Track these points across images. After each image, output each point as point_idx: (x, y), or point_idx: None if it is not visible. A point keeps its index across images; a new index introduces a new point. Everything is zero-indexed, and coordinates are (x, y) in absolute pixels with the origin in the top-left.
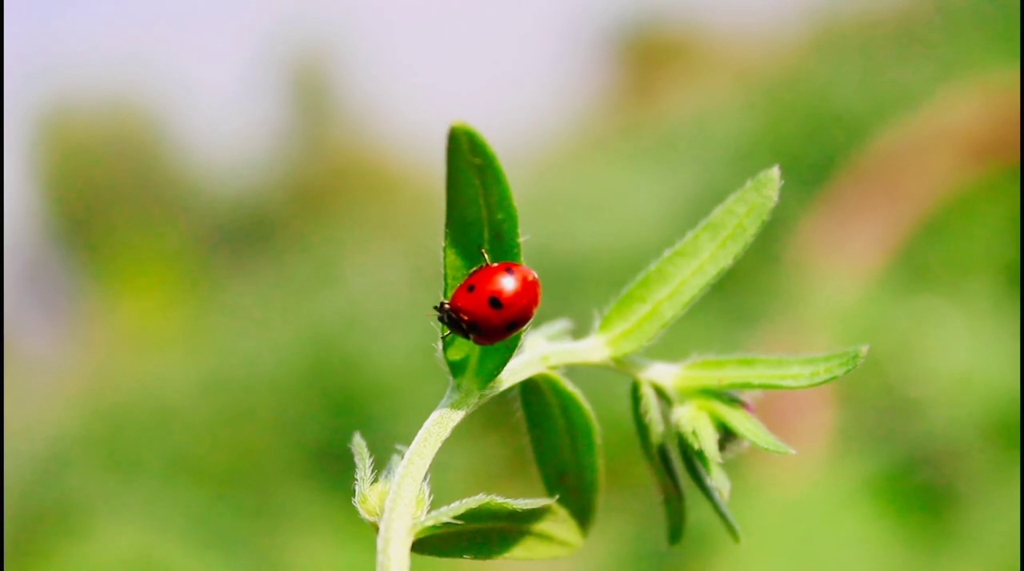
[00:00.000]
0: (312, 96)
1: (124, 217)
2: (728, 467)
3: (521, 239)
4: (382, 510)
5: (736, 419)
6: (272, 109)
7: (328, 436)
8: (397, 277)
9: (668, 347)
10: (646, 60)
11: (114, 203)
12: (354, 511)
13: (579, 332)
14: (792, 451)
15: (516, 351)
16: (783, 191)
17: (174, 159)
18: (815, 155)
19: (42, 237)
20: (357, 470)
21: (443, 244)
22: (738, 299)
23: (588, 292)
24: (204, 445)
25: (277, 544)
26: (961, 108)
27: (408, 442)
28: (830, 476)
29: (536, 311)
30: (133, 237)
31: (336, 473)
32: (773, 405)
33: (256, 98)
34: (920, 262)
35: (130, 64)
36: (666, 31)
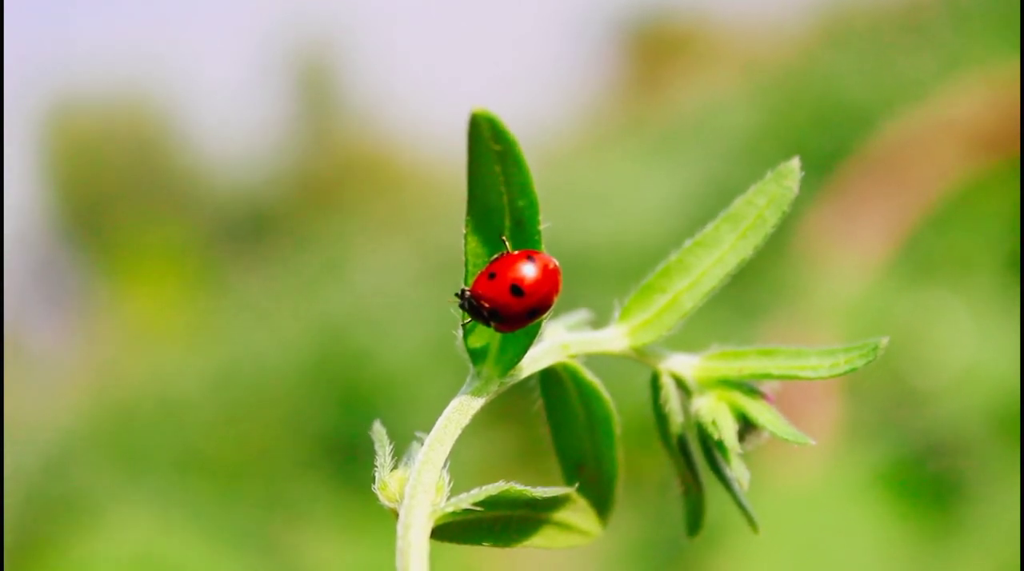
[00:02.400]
0: (318, 91)
1: (131, 213)
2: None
3: (542, 226)
4: (401, 497)
5: (756, 410)
6: (278, 104)
7: (337, 430)
8: (404, 271)
9: (676, 337)
10: (653, 52)
11: (121, 199)
12: (364, 505)
13: (592, 325)
14: (812, 442)
15: (536, 340)
16: None
17: (181, 155)
18: (822, 147)
19: (50, 233)
20: (377, 456)
21: (464, 231)
22: (744, 289)
23: (596, 285)
24: (213, 440)
25: (286, 538)
26: (967, 100)
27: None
28: (837, 468)
29: (556, 299)
30: (140, 232)
31: (345, 467)
32: (780, 397)
33: (262, 93)
34: (926, 253)
35: (137, 60)
36: (673, 23)
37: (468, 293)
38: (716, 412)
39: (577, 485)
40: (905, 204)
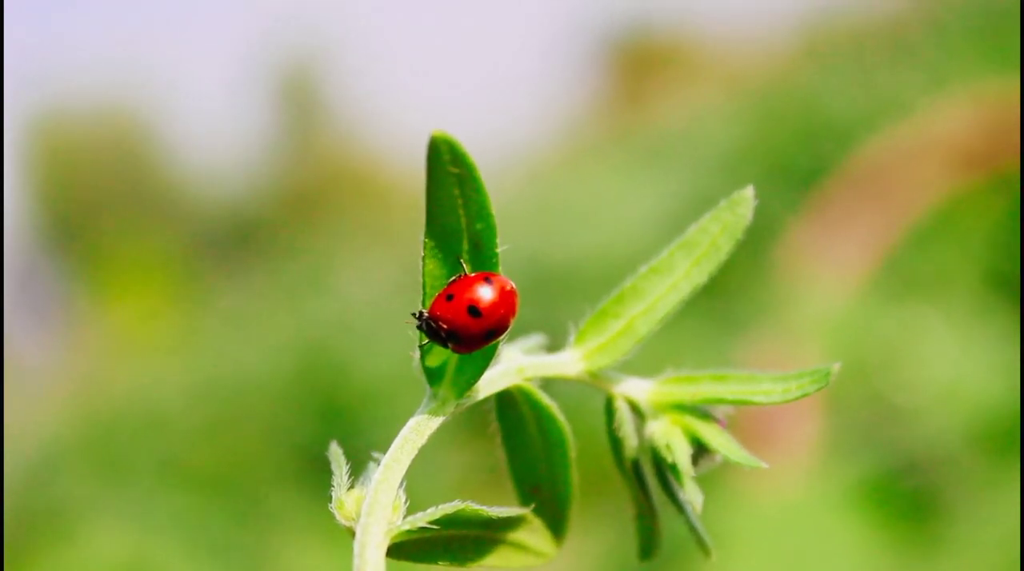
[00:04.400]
0: (303, 102)
1: (115, 223)
2: (714, 475)
3: (500, 249)
4: (359, 515)
5: (710, 433)
6: (263, 115)
7: (318, 441)
8: (387, 283)
9: (657, 352)
10: (637, 67)
11: (105, 209)
12: None
13: (561, 346)
14: (764, 465)
15: (492, 362)
16: (773, 197)
17: (165, 165)
18: (805, 162)
19: (33, 242)
20: (334, 476)
21: (422, 253)
22: (727, 305)
23: (579, 299)
24: (195, 450)
25: (267, 549)
26: (950, 117)
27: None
28: (817, 484)
29: (513, 321)
30: (124, 242)
31: (325, 479)
32: (760, 413)
33: (247, 104)
34: (908, 270)
35: (122, 70)
36: (657, 38)
37: (426, 314)
38: (670, 436)
39: (533, 506)
40: (887, 221)
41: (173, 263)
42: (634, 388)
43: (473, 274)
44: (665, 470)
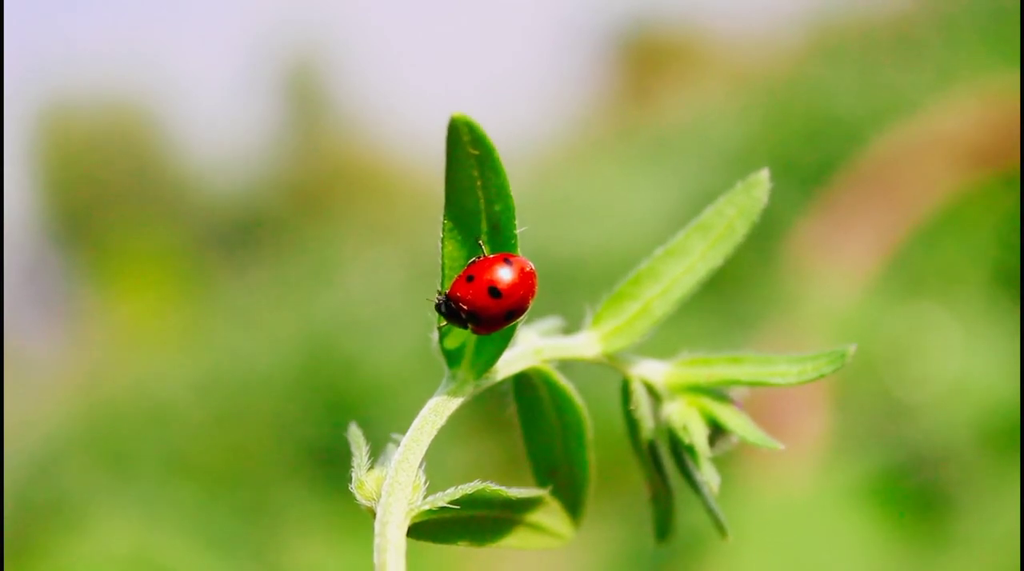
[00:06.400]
0: (309, 96)
1: (121, 216)
2: (722, 469)
3: (518, 230)
4: (379, 495)
5: (726, 415)
6: (269, 109)
7: (324, 436)
8: (393, 278)
9: (666, 348)
10: (644, 63)
11: (111, 202)
12: (349, 509)
13: (574, 333)
14: (780, 446)
15: (510, 344)
16: (780, 194)
17: (171, 158)
18: (812, 159)
19: (40, 236)
20: (354, 457)
21: (441, 235)
22: (735, 301)
23: (585, 294)
24: (200, 444)
25: (273, 543)
26: (957, 114)
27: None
28: (825, 479)
29: (532, 302)
30: (130, 236)
31: (332, 472)
32: (768, 408)
33: (253, 98)
34: (915, 267)
35: (128, 64)
36: (664, 34)
37: (446, 295)
38: (687, 417)
39: (550, 488)
40: (894, 217)
41: (179, 257)
42: (651, 370)
43: (492, 255)
44: (682, 451)
